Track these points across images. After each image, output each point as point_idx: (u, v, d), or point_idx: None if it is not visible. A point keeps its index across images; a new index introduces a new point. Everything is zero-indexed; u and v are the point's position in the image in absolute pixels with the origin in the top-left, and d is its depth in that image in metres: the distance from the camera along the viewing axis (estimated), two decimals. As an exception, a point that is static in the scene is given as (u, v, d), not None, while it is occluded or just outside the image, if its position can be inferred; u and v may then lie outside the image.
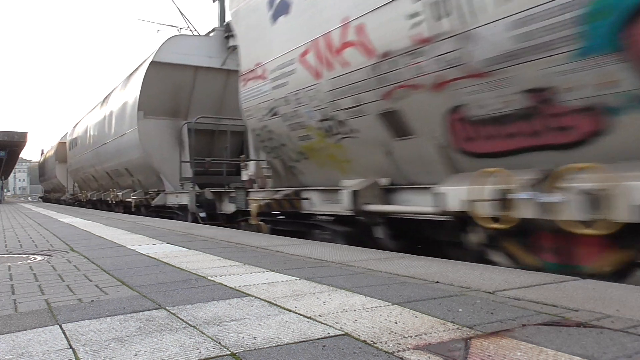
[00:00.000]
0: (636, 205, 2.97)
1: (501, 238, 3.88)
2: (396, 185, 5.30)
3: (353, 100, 5.18)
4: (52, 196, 37.76)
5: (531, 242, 3.74)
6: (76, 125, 23.29)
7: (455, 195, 4.11)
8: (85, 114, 21.40)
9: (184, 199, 10.60)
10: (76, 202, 25.60)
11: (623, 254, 3.23)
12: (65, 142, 26.79)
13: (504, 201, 3.68)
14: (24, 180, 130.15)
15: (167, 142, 12.38)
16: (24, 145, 28.55)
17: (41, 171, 41.70)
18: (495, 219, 3.76)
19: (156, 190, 12.87)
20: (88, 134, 19.13)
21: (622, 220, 3.01)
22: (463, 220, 4.13)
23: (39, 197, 53.32)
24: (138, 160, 12.99)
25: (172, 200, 11.62)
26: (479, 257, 4.06)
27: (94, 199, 20.12)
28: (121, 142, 13.94)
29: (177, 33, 15.82)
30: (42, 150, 44.88)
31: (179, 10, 18.50)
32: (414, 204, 4.95)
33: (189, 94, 12.41)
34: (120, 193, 15.28)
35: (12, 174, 60.52)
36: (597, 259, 3.37)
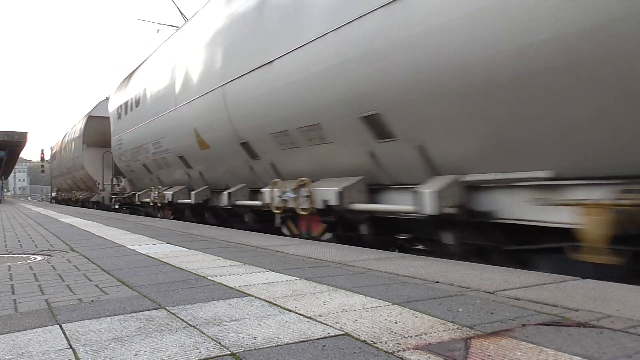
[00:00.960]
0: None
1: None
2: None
3: None
4: (72, 196, 26.40)
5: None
6: (131, 75, 13.57)
7: None
8: (157, 48, 11.80)
9: None
10: (125, 207, 15.17)
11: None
12: (100, 117, 17.01)
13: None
14: (24, 180, 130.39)
15: None
16: (24, 145, 28.54)
17: (53, 164, 32.33)
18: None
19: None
20: (178, 74, 9.40)
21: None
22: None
23: (52, 199, 38.95)
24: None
25: None
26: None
27: (199, 201, 9.23)
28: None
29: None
30: (42, 151, 41.00)
31: (179, 10, 18.53)
32: None
33: None
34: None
35: (12, 174, 60.57)
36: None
